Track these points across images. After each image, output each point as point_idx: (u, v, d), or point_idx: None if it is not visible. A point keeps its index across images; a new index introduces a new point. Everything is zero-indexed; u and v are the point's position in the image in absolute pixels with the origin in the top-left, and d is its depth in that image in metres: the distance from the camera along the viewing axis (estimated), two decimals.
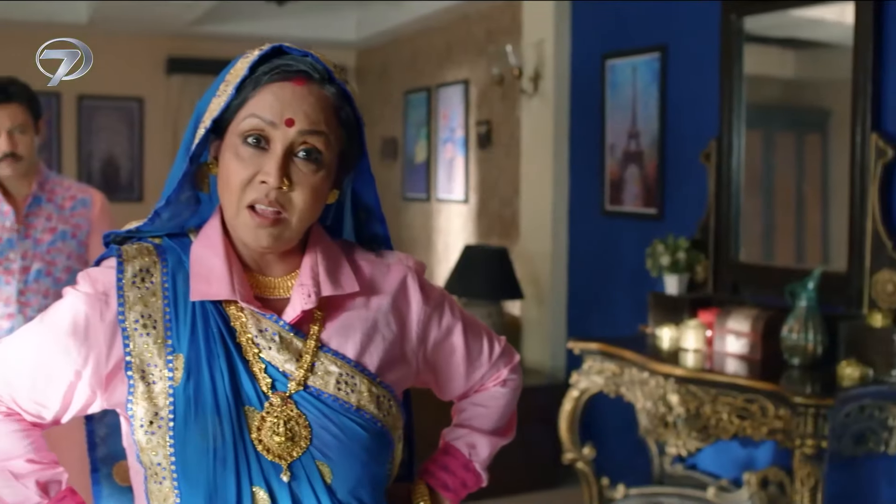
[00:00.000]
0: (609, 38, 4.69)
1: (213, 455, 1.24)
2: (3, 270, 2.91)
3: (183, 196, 1.34)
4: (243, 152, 1.25)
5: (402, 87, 7.29)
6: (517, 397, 1.56)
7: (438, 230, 6.78)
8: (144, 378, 1.26)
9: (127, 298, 1.28)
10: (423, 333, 1.42)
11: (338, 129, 1.29)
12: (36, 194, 2.97)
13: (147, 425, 1.25)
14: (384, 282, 1.40)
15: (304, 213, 1.27)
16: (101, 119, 7.53)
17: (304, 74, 1.26)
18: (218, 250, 1.30)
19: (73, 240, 3.00)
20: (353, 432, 1.29)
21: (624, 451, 4.48)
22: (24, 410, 1.33)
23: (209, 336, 1.27)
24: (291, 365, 1.29)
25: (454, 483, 1.50)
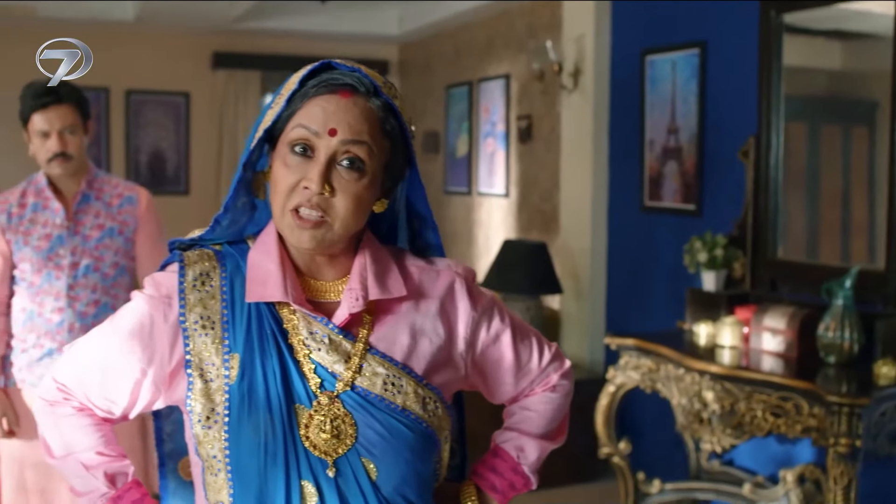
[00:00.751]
0: (648, 34, 4.70)
1: (264, 450, 1.30)
2: (53, 266, 3.00)
3: (239, 202, 1.41)
4: (290, 160, 1.31)
5: (444, 81, 7.34)
6: (568, 402, 1.58)
7: (479, 224, 6.83)
8: (203, 376, 1.34)
9: (188, 301, 1.35)
10: (472, 338, 1.46)
11: (382, 140, 1.34)
12: (85, 192, 3.06)
13: (204, 420, 1.33)
14: (433, 287, 1.44)
15: (346, 219, 1.32)
16: (148, 113, 7.67)
17: (349, 87, 1.32)
18: (273, 255, 1.36)
19: (120, 236, 3.08)
20: (399, 432, 1.34)
21: (661, 447, 4.50)
22: (95, 406, 1.42)
23: (263, 337, 1.34)
24: (340, 366, 1.34)
25: (502, 485, 1.53)
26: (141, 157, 7.68)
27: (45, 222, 3.01)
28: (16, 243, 2.99)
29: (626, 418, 4.74)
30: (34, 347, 3.02)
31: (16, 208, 3.01)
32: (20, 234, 2.99)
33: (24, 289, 3.01)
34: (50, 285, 3.00)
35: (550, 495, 4.45)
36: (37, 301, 3.00)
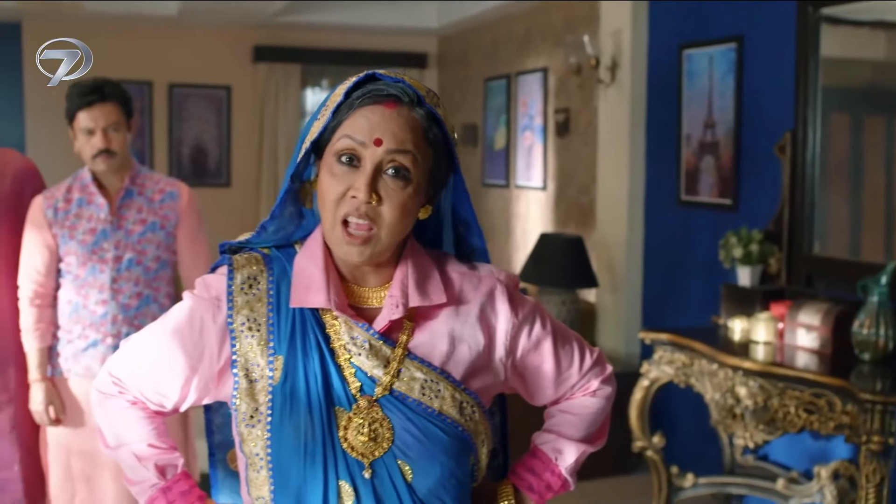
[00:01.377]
0: (685, 29, 4.69)
1: (304, 449, 1.35)
2: (97, 259, 3.08)
3: (286, 211, 1.45)
4: (337, 170, 1.35)
5: (483, 74, 7.36)
6: (609, 406, 1.59)
7: (517, 216, 6.85)
8: (248, 376, 1.39)
9: (235, 303, 1.40)
10: (512, 344, 1.47)
11: (426, 148, 1.37)
12: (128, 188, 3.13)
13: (248, 419, 1.38)
14: (474, 293, 1.46)
15: (393, 227, 1.35)
16: (190, 107, 7.77)
17: (394, 98, 1.35)
18: (318, 262, 1.40)
19: (161, 230, 3.15)
20: (434, 435, 1.37)
21: (695, 441, 4.51)
22: (147, 400, 1.48)
23: (306, 340, 1.38)
24: (379, 370, 1.38)
25: (539, 485, 1.56)
26: (183, 150, 7.79)
27: (90, 217, 3.09)
28: (62, 237, 3.07)
29: (661, 412, 4.76)
30: (79, 338, 3.10)
31: (62, 203, 3.09)
32: (66, 228, 3.07)
33: (70, 281, 3.09)
34: (94, 278, 3.08)
35: (584, 487, 4.46)
36: (82, 293, 3.09)
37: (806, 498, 3.50)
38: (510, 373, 1.50)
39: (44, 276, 3.09)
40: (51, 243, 3.08)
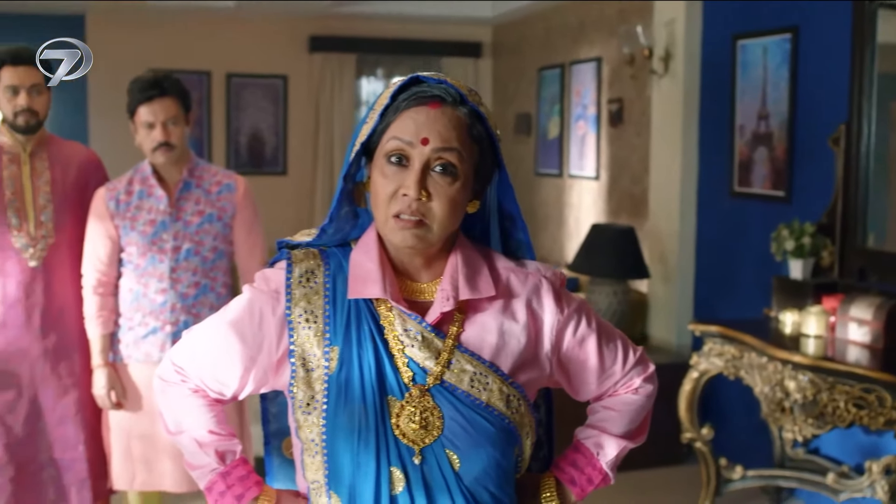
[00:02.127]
0: (740, 19, 4.66)
1: (357, 436, 1.41)
2: (157, 250, 3.17)
3: (343, 212, 1.51)
4: (387, 170, 1.41)
5: (536, 63, 7.36)
6: (650, 404, 1.63)
7: (570, 206, 6.86)
8: (305, 365, 1.45)
9: (294, 296, 1.47)
10: (557, 340, 1.52)
11: (471, 145, 1.43)
12: (186, 180, 3.21)
13: (304, 406, 1.45)
14: (521, 289, 1.51)
15: (444, 221, 1.41)
16: (247, 96, 7.88)
17: (438, 99, 1.41)
18: (373, 256, 1.46)
19: (218, 222, 3.23)
20: (481, 426, 1.43)
21: (745, 433, 4.51)
22: (208, 388, 1.55)
23: (361, 331, 1.45)
24: (431, 362, 1.43)
25: (580, 479, 1.60)
26: (241, 139, 7.91)
27: (150, 209, 3.18)
28: (123, 228, 3.17)
29: (711, 404, 4.76)
30: (139, 325, 3.20)
31: (123, 195, 3.19)
32: (127, 219, 3.17)
33: (131, 271, 3.19)
34: (154, 268, 3.17)
35: (633, 477, 4.49)
36: (142, 282, 3.18)
37: (857, 493, 3.49)
38: (555, 367, 1.54)
39: (106, 265, 3.19)
40: (113, 234, 3.18)
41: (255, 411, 3.79)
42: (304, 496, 1.56)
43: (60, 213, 3.29)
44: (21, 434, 3.28)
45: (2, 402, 3.26)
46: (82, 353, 3.30)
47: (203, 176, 3.26)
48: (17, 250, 3.22)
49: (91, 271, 3.19)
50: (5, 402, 3.26)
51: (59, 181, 3.31)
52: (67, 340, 3.30)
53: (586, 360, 1.56)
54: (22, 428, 3.28)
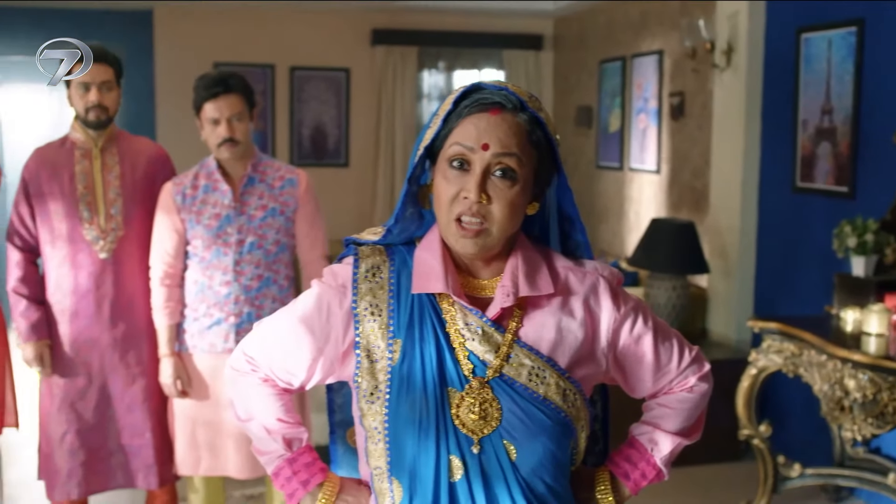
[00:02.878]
0: (804, 12, 4.61)
1: (418, 425, 1.47)
2: (221, 243, 3.25)
3: (407, 213, 1.58)
4: (449, 174, 1.47)
5: (598, 56, 7.34)
6: (705, 403, 1.66)
7: (630, 199, 6.84)
8: (369, 356, 1.52)
9: (360, 290, 1.54)
10: (613, 338, 1.57)
11: (530, 150, 1.48)
12: (250, 175, 3.29)
13: (368, 396, 1.52)
14: (579, 287, 1.56)
15: (503, 223, 1.46)
16: (311, 89, 7.98)
17: (498, 105, 1.47)
18: (436, 254, 1.53)
19: (281, 216, 3.30)
20: (538, 419, 1.48)
21: (805, 431, 4.47)
22: (278, 378, 1.63)
23: (423, 325, 1.51)
24: (490, 355, 1.49)
25: (634, 473, 1.64)
26: (304, 131, 8.01)
27: (215, 203, 3.26)
28: (189, 222, 3.26)
29: (770, 400, 4.73)
30: (204, 316, 3.29)
31: (189, 190, 3.28)
32: (193, 213, 3.26)
33: (196, 263, 3.28)
34: (219, 260, 3.25)
35: (691, 473, 4.49)
36: (207, 274, 3.27)
37: None
38: (611, 364, 1.58)
39: (173, 257, 3.28)
40: (179, 227, 3.27)
41: (319, 401, 3.87)
42: (366, 484, 1.62)
43: (129, 207, 3.39)
44: (91, 420, 3.40)
45: (73, 390, 3.39)
46: (150, 342, 3.40)
47: (266, 171, 3.33)
48: (88, 243, 3.34)
49: (158, 263, 3.29)
50: (77, 389, 3.39)
51: (128, 175, 3.41)
52: (136, 330, 3.41)
53: (642, 358, 1.59)
54: (92, 414, 3.40)
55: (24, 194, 3.37)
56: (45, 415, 3.46)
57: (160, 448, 3.47)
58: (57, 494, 3.45)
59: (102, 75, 3.32)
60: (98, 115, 3.33)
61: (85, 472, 3.41)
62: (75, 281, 3.35)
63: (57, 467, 3.42)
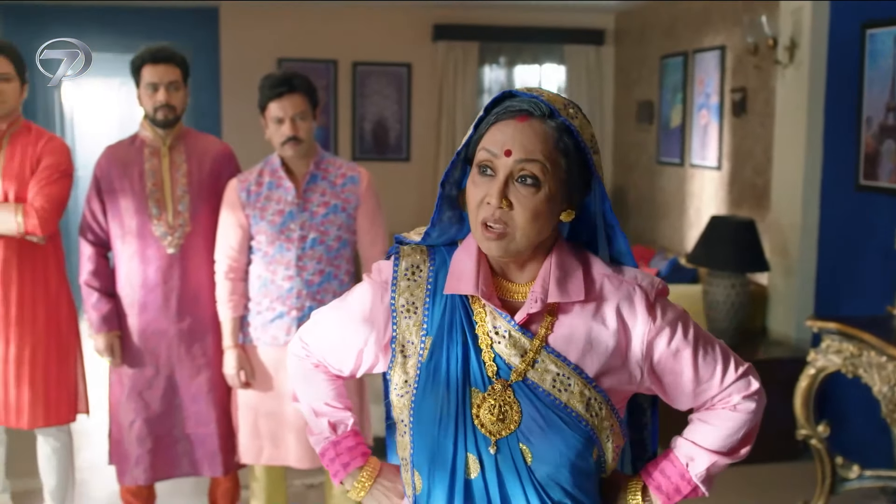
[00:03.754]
0: (869, 7, 4.55)
1: (439, 422, 1.52)
2: (284, 239, 3.33)
3: (445, 216, 1.62)
4: (477, 179, 1.50)
5: (660, 51, 7.31)
6: (751, 422, 1.60)
7: (691, 195, 6.80)
8: (403, 352, 1.58)
9: (399, 287, 1.60)
10: (648, 349, 1.54)
11: (557, 157, 1.48)
12: (313, 173, 3.37)
13: (398, 389, 1.58)
14: (613, 295, 1.54)
15: (525, 229, 1.47)
16: (372, 84, 8.06)
17: (525, 112, 1.48)
18: (472, 255, 1.56)
19: (343, 213, 3.37)
20: (557, 426, 1.49)
21: (866, 432, 4.43)
22: (329, 365, 1.73)
23: (453, 325, 1.55)
24: (516, 359, 1.51)
25: (667, 487, 1.62)
26: (366, 126, 8.10)
27: (279, 199, 3.34)
28: (253, 217, 3.35)
29: (829, 401, 4.69)
30: (267, 310, 3.37)
31: (254, 186, 3.36)
32: (257, 209, 3.34)
33: (260, 258, 3.37)
34: (281, 255, 3.34)
35: (748, 471, 4.47)
36: (270, 269, 3.35)
37: None
38: (647, 376, 1.57)
39: (237, 252, 3.38)
40: (244, 223, 3.36)
41: (377, 392, 3.94)
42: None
43: (196, 203, 3.49)
44: (158, 409, 3.52)
45: (141, 379, 3.51)
46: (214, 334, 3.51)
47: (329, 169, 3.40)
48: (156, 238, 3.45)
49: (223, 258, 3.38)
50: (145, 379, 3.51)
51: (195, 173, 3.51)
52: (201, 323, 3.52)
53: (681, 372, 1.57)
54: (159, 404, 3.52)
55: (95, 191, 3.50)
56: (114, 403, 3.59)
57: (224, 437, 3.57)
58: (126, 479, 3.58)
59: (170, 75, 3.43)
60: (166, 114, 3.44)
61: (152, 458, 3.54)
62: (144, 275, 3.47)
63: (126, 454, 3.55)
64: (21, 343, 3.51)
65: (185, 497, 4.30)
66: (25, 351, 3.52)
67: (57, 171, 3.47)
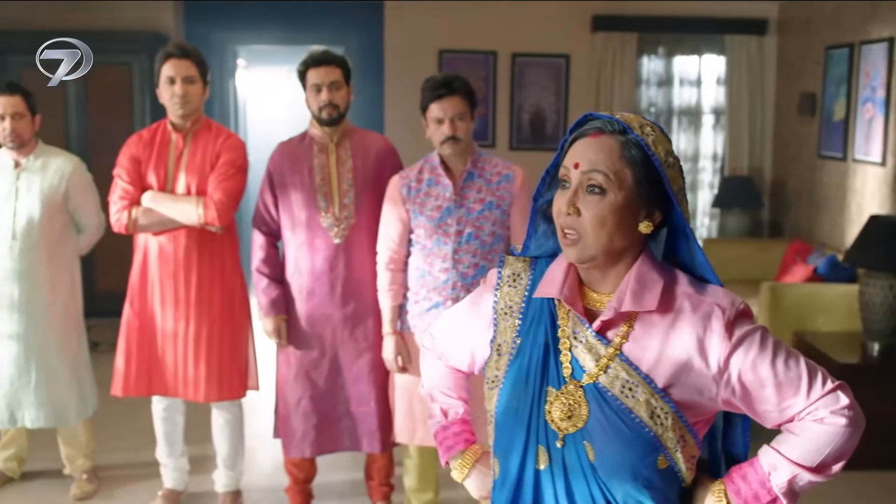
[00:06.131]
0: None
1: (515, 415, 1.69)
2: (442, 233, 3.52)
3: (539, 230, 1.79)
4: (558, 193, 1.67)
5: (824, 42, 7.13)
6: (842, 439, 1.59)
7: (853, 191, 6.64)
8: (498, 350, 1.75)
9: (501, 291, 1.78)
10: (725, 366, 1.59)
11: (623, 168, 1.60)
12: (470, 170, 3.53)
13: (489, 383, 1.75)
14: (693, 312, 1.61)
15: (594, 234, 1.60)
16: (530, 75, 8.17)
17: (598, 129, 1.63)
18: (562, 265, 1.71)
19: (497, 209, 3.52)
20: (619, 429, 1.59)
21: None
22: (448, 359, 1.94)
23: (539, 328, 1.71)
24: (591, 363, 1.64)
25: (747, 493, 1.64)
26: (523, 116, 8.22)
27: (437, 195, 3.53)
28: (413, 212, 3.55)
29: None
30: (424, 300, 3.57)
31: (414, 183, 3.56)
32: (417, 204, 3.54)
33: (418, 251, 3.57)
34: (439, 249, 3.52)
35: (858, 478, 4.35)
36: (428, 261, 3.55)
37: None
38: (725, 393, 1.61)
39: (398, 244, 3.59)
40: (404, 217, 3.56)
41: None
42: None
43: (360, 197, 3.72)
44: (323, 388, 3.78)
45: (308, 360, 3.78)
46: (375, 319, 3.74)
47: (485, 167, 3.56)
48: (324, 229, 3.70)
49: (384, 250, 3.60)
50: (311, 360, 3.78)
51: (359, 168, 3.74)
52: (363, 309, 3.76)
53: (762, 386, 1.60)
54: (324, 383, 3.78)
55: (268, 185, 3.78)
56: (282, 381, 3.87)
57: (383, 416, 3.81)
58: (293, 452, 3.86)
59: (331, 76, 3.67)
60: (330, 112, 3.68)
61: (317, 434, 3.81)
62: (312, 263, 3.73)
63: (293, 428, 3.83)
64: (199, 323, 3.85)
65: (343, 471, 4.57)
66: (203, 331, 3.85)
67: (234, 166, 3.78)
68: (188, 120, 3.81)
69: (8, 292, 4.09)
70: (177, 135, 3.83)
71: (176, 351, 3.87)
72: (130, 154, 3.83)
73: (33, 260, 4.08)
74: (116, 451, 4.82)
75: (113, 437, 4.93)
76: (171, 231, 3.81)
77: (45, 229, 4.08)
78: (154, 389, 3.95)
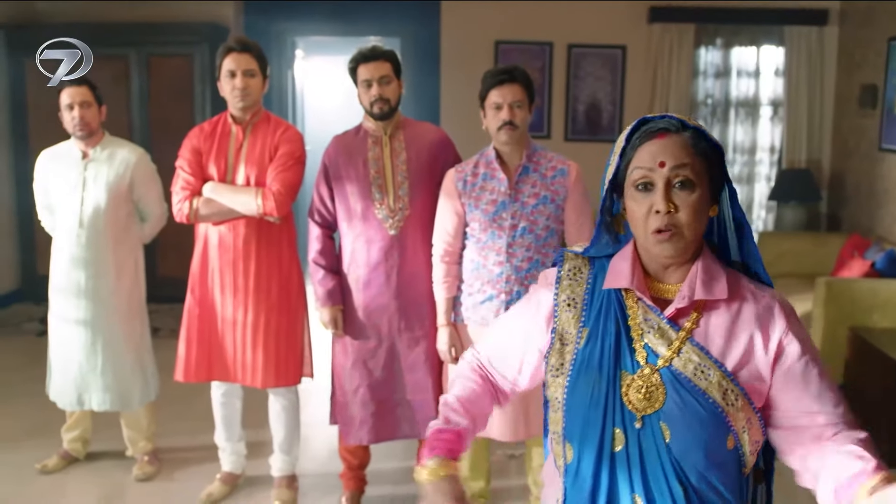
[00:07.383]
0: None
1: (590, 399, 1.75)
2: (496, 227, 3.55)
3: (602, 240, 1.86)
4: (637, 196, 1.72)
5: (886, 33, 7.02)
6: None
7: None
8: (562, 339, 1.83)
9: (562, 285, 1.86)
10: (779, 351, 1.71)
11: (698, 160, 1.70)
12: (525, 165, 3.56)
13: (554, 371, 1.83)
14: (756, 302, 1.74)
15: (692, 226, 1.69)
16: (586, 66, 8.16)
17: (663, 130, 1.71)
18: (628, 258, 1.79)
19: (551, 204, 3.54)
20: (694, 409, 1.67)
21: None
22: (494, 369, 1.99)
23: (608, 318, 1.78)
24: (663, 348, 1.72)
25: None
26: (578, 107, 8.22)
27: (492, 189, 3.56)
28: (468, 206, 3.59)
29: None
30: (478, 292, 3.61)
31: (470, 177, 3.60)
32: (472, 198, 3.58)
33: (473, 244, 3.61)
34: (493, 242, 3.56)
35: None
36: (482, 255, 3.59)
37: None
38: (774, 380, 1.72)
39: (453, 237, 3.64)
40: (459, 211, 3.61)
41: None
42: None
43: (414, 188, 3.78)
44: (380, 377, 3.85)
45: (365, 349, 3.85)
46: (430, 309, 3.80)
47: (540, 161, 3.59)
48: (379, 221, 3.76)
49: (440, 242, 3.65)
50: (368, 349, 3.85)
51: (413, 160, 3.79)
52: (419, 299, 3.81)
53: (806, 387, 1.70)
54: (381, 371, 3.85)
55: (324, 177, 3.85)
56: (339, 369, 3.95)
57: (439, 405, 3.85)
58: (351, 439, 3.94)
59: (381, 70, 3.73)
60: (381, 106, 3.74)
61: (374, 421, 3.88)
62: (368, 254, 3.79)
63: (351, 416, 3.90)
64: (257, 311, 3.94)
65: (396, 459, 4.65)
66: (261, 319, 3.94)
67: (291, 158, 3.86)
68: (248, 112, 3.89)
69: (75, 279, 4.23)
70: (237, 127, 3.92)
71: (235, 338, 3.97)
72: (192, 146, 3.93)
73: (99, 248, 4.21)
74: (176, 435, 4.95)
75: (173, 421, 5.07)
76: (230, 221, 3.90)
77: (110, 218, 4.21)
78: (214, 375, 4.05)
